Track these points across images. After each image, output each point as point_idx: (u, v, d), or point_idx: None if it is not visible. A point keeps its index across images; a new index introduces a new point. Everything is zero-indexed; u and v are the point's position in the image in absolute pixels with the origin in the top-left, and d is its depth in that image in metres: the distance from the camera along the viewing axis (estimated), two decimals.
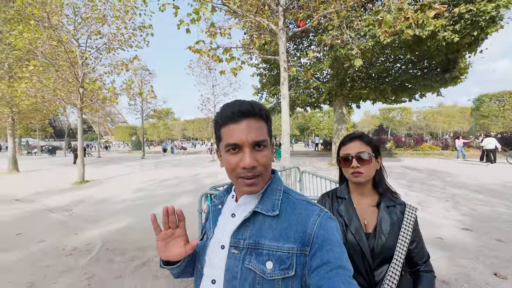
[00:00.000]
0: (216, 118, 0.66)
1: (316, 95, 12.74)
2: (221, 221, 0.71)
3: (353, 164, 0.96)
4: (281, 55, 4.89)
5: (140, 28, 8.80)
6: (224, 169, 0.65)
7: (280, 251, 0.58)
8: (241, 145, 0.59)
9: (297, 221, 0.61)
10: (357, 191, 1.04)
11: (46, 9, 7.09)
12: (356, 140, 1.01)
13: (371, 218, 0.98)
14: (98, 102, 9.42)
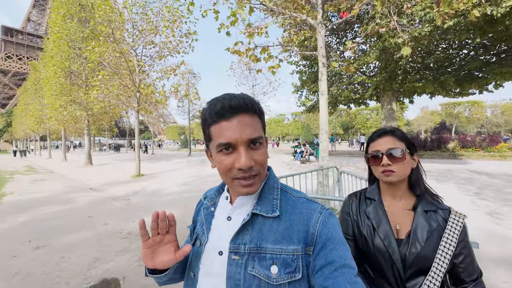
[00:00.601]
0: (204, 115, 0.58)
1: (361, 91, 11.83)
2: (215, 224, 0.66)
3: (384, 162, 0.86)
4: (320, 50, 4.69)
5: (186, 35, 9.51)
6: (217, 170, 0.59)
7: (285, 254, 0.55)
8: (235, 144, 0.54)
9: (299, 220, 0.58)
10: (389, 192, 0.93)
11: (112, 26, 8.25)
12: (387, 136, 0.90)
13: (405, 223, 0.87)
14: (152, 104, 10.54)
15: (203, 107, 0.60)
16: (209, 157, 0.64)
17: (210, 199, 0.71)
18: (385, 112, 11.18)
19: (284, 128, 60.03)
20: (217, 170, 0.59)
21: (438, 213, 0.85)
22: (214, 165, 0.61)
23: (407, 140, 0.91)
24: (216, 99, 0.57)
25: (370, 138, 0.95)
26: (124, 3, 8.67)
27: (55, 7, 12.92)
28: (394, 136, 0.90)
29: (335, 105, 13.36)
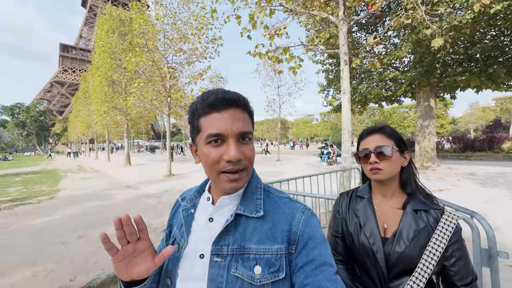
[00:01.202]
0: (194, 106, 0.58)
1: (393, 88, 11.04)
2: (195, 227, 0.63)
3: (371, 160, 0.86)
4: (341, 47, 4.54)
5: (212, 41, 9.92)
6: (202, 165, 0.59)
7: (269, 253, 0.55)
8: (225, 136, 0.54)
9: (282, 220, 0.59)
10: (380, 190, 0.92)
11: (146, 37, 8.99)
12: (376, 133, 0.90)
13: (393, 222, 0.85)
14: (182, 108, 11.19)
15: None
16: (194, 152, 0.63)
17: (190, 200, 0.68)
18: (422, 110, 10.27)
19: (313, 128, 58.55)
20: (203, 164, 0.58)
21: (429, 213, 0.82)
22: (198, 160, 0.60)
23: (397, 138, 0.89)
24: (209, 92, 0.57)
25: (360, 136, 0.95)
26: (156, 15, 9.39)
27: (100, 24, 14.51)
28: (383, 133, 0.89)
29: (364, 104, 12.65)
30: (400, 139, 0.90)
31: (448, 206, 1.81)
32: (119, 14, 14.67)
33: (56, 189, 8.29)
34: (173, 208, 0.75)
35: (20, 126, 56.58)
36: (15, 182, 10.15)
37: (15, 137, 59.21)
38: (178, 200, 0.74)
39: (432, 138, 10.13)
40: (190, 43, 9.45)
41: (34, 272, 2.79)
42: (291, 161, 16.84)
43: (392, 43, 10.87)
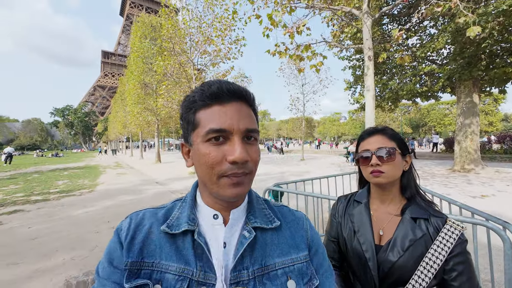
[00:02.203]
0: (191, 98, 0.48)
1: (429, 83, 10.13)
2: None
3: (372, 162, 0.80)
4: (365, 42, 4.30)
5: (235, 42, 10.08)
6: (196, 168, 0.49)
7: (298, 263, 0.52)
8: (230, 133, 0.45)
9: (296, 227, 0.57)
10: (378, 195, 0.87)
11: (173, 41, 9.47)
12: (377, 134, 0.85)
13: (390, 229, 0.80)
14: None
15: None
16: (185, 153, 0.52)
17: (191, 222, 0.51)
18: (463, 106, 9.26)
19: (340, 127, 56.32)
20: (197, 167, 0.48)
21: (429, 222, 0.76)
22: (191, 163, 0.50)
23: (399, 140, 0.84)
24: (209, 82, 0.48)
25: (360, 137, 0.90)
26: (183, 19, 9.83)
27: (134, 31, 15.63)
28: (385, 135, 0.84)
29: (395, 101, 11.78)
30: (402, 141, 0.84)
31: (477, 214, 1.63)
32: (150, 21, 15.65)
33: (96, 183, 9.17)
34: (125, 240, 0.50)
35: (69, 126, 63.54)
36: (63, 176, 11.45)
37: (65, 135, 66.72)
38: (169, 227, 0.51)
39: (475, 137, 9.10)
40: (214, 45, 9.71)
41: (72, 257, 3.14)
42: (316, 160, 16.42)
43: (428, 34, 9.97)
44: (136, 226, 0.52)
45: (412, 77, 10.19)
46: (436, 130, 38.19)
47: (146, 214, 0.54)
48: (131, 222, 0.52)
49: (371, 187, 0.90)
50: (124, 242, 0.50)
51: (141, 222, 0.52)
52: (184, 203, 0.55)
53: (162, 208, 0.56)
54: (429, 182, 7.54)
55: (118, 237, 0.51)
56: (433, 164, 12.28)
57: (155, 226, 0.52)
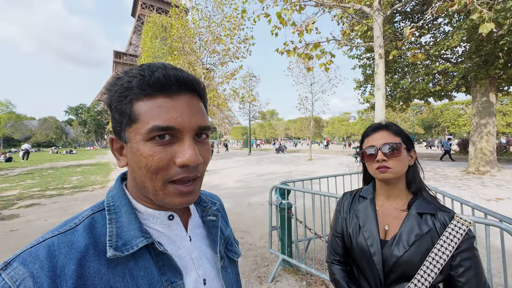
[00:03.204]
0: (126, 83, 0.39)
1: (442, 82, 9.84)
2: (178, 260, 0.46)
3: (379, 157, 0.80)
4: (376, 40, 4.23)
5: (244, 41, 10.13)
6: (132, 170, 0.42)
7: (231, 232, 0.66)
8: (179, 132, 0.39)
9: (220, 204, 0.68)
10: (384, 191, 0.87)
11: (182, 40, 9.61)
12: (382, 130, 0.85)
13: (395, 224, 0.80)
14: (213, 107, 11.69)
15: (262, 108, 0.61)
16: (116, 150, 0.44)
17: (145, 233, 0.42)
18: (478, 106, 8.94)
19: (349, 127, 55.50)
20: (136, 169, 0.40)
21: (436, 217, 0.75)
22: (125, 163, 0.42)
23: (403, 135, 0.84)
24: (151, 64, 0.40)
25: (364, 134, 0.90)
26: (192, 19, 9.96)
27: (145, 31, 15.95)
28: (389, 130, 0.84)
29: (407, 100, 11.53)
30: (407, 136, 0.84)
31: (490, 215, 1.59)
32: (161, 21, 15.92)
33: (107, 179, 9.43)
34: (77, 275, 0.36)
35: (82, 124, 65.50)
36: (76, 172, 11.83)
37: (78, 133, 68.85)
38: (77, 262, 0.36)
39: (491, 138, 8.78)
40: (223, 44, 9.80)
41: None
42: (324, 160, 16.27)
43: (442, 31, 9.69)
44: (50, 273, 0.34)
45: (424, 76, 9.93)
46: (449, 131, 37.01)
47: (54, 248, 0.36)
48: (34, 273, 0.33)
49: (377, 183, 0.90)
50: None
51: (53, 265, 0.35)
52: (115, 214, 0.42)
53: (73, 231, 0.39)
54: (441, 183, 7.33)
55: None
56: (446, 166, 11.93)
57: (89, 259, 0.37)
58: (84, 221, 0.41)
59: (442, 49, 8.21)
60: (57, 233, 0.38)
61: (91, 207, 0.44)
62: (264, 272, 2.71)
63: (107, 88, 0.41)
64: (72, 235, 0.38)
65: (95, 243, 0.39)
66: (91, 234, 0.39)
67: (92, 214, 0.42)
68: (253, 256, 3.09)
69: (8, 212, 4.94)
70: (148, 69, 0.39)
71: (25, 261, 0.34)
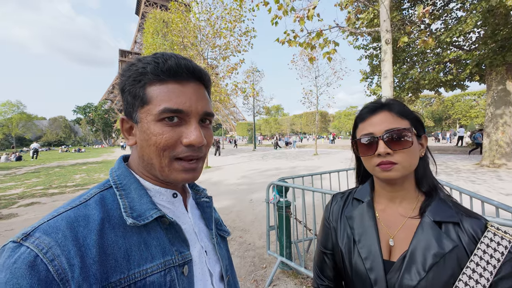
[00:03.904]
0: (140, 69, 0.43)
1: (454, 70, 9.32)
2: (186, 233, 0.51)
3: (380, 150, 0.57)
4: (383, 24, 3.92)
5: (245, 33, 9.84)
6: (141, 148, 0.45)
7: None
8: (187, 114, 0.43)
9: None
10: (386, 192, 0.64)
11: (182, 34, 9.40)
12: (383, 111, 0.60)
13: (403, 238, 0.58)
14: (216, 102, 11.50)
15: (266, 103, 0.53)
16: (125, 130, 0.47)
17: (155, 206, 0.46)
18: (494, 95, 8.44)
19: None
20: (145, 147, 0.44)
21: (462, 228, 0.53)
22: (134, 142, 0.46)
23: (412, 117, 0.61)
24: (164, 53, 0.45)
25: (358, 117, 0.65)
26: (192, 12, 9.72)
27: (147, 27, 15.80)
28: (393, 111, 0.60)
29: (416, 91, 11.02)
30: (417, 118, 0.61)
31: None
32: (162, 17, 15.72)
33: None
34: (70, 269, 0.35)
35: (90, 123, 66.62)
36: (81, 170, 11.92)
37: (86, 132, 70.13)
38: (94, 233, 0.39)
39: (507, 129, 8.29)
40: (223, 37, 9.55)
41: None
42: (330, 155, 15.93)
43: (454, 17, 9.14)
44: (75, 242, 0.36)
45: (435, 65, 9.44)
46: (460, 123, 35.78)
47: (71, 220, 0.38)
48: (59, 242, 0.35)
49: (375, 181, 0.67)
50: (69, 275, 0.34)
51: (75, 235, 0.37)
52: (124, 190, 0.45)
53: (85, 205, 0.41)
54: (453, 178, 6.97)
55: (44, 274, 0.33)
56: (458, 159, 11.44)
57: (106, 231, 0.40)
58: (94, 197, 0.43)
59: (454, 35, 7.73)
60: (69, 208, 0.40)
61: (97, 186, 0.46)
62: (261, 275, 2.53)
63: (121, 73, 0.46)
64: (85, 208, 0.41)
65: (109, 216, 0.42)
66: (104, 208, 0.42)
67: (100, 192, 0.45)
68: (251, 257, 2.91)
69: (7, 211, 4.91)
70: (161, 57, 0.44)
71: (47, 232, 0.36)
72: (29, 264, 0.32)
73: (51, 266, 0.33)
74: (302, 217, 2.36)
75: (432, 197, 0.59)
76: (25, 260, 0.32)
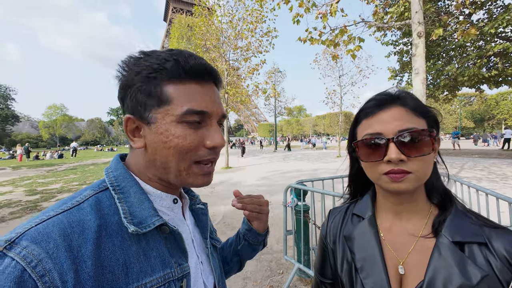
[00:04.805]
0: (156, 65, 0.40)
1: (500, 65, 8.36)
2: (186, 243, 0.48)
3: (392, 155, 0.44)
4: (414, 15, 3.59)
5: (266, 34, 9.80)
6: (154, 151, 0.41)
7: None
8: (210, 117, 0.42)
9: None
10: (392, 204, 0.51)
11: (204, 38, 9.64)
12: (394, 106, 0.47)
13: (417, 263, 0.46)
14: (238, 103, 11.61)
15: (288, 104, 0.49)
16: (131, 131, 0.42)
17: (156, 213, 0.42)
18: None
19: None
20: (161, 149, 0.41)
21: (491, 248, 0.41)
22: (143, 144, 0.41)
23: (430, 116, 0.48)
24: (181, 51, 0.43)
25: (361, 111, 0.52)
26: (214, 15, 9.93)
27: (173, 32, 16.52)
28: (407, 106, 0.47)
29: (453, 89, 10.08)
30: (434, 117, 0.48)
31: None
32: (187, 21, 16.33)
33: None
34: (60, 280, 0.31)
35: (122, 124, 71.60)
36: None
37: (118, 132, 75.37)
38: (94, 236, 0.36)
39: None
40: (244, 38, 9.61)
41: None
42: None
43: (500, 5, 8.20)
44: (68, 254, 0.32)
45: (476, 59, 8.55)
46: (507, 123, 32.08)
47: (64, 226, 0.34)
48: (50, 253, 0.31)
49: (378, 190, 0.55)
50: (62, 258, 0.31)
51: (69, 244, 0.33)
52: (122, 194, 0.41)
53: (78, 209, 0.37)
54: (499, 185, 6.20)
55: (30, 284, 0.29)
56: (504, 164, 10.22)
57: (103, 240, 0.36)
58: (88, 200, 0.39)
59: (501, 26, 6.93)
60: (60, 211, 0.36)
61: (91, 187, 0.42)
62: (277, 281, 2.43)
63: (125, 67, 0.42)
64: (79, 213, 0.37)
65: (106, 223, 0.38)
66: (100, 214, 0.38)
67: (95, 194, 0.41)
68: (268, 261, 2.83)
69: (47, 204, 5.39)
70: (181, 55, 0.41)
71: (36, 240, 0.31)
72: (15, 281, 0.28)
73: (40, 283, 0.29)
74: (321, 223, 2.22)
75: (447, 210, 0.46)
76: (10, 276, 0.28)
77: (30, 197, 6.14)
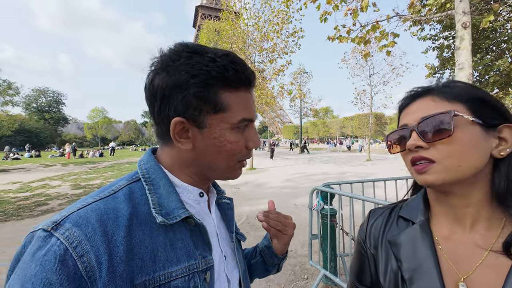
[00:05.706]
0: (214, 72, 0.39)
1: None
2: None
3: (411, 143, 0.42)
4: (458, 5, 3.25)
5: (293, 34, 9.69)
6: (205, 153, 0.44)
7: None
8: (252, 122, 0.47)
9: None
10: (447, 209, 0.44)
11: (231, 41, 9.85)
12: (426, 97, 0.43)
13: (486, 283, 0.38)
14: (263, 105, 11.64)
15: (314, 105, 0.50)
16: (177, 133, 0.42)
17: (183, 206, 0.43)
18: None
19: None
20: (213, 153, 0.43)
21: None
22: (191, 146, 0.43)
23: (471, 99, 0.41)
24: (236, 57, 0.42)
25: (400, 107, 0.49)
26: (241, 17, 10.10)
27: (201, 37, 17.19)
28: (441, 95, 0.42)
29: (506, 86, 8.93)
30: (481, 99, 0.41)
31: None
32: (214, 26, 16.87)
33: None
34: (98, 267, 0.33)
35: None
36: None
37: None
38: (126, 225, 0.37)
39: None
40: (270, 39, 9.62)
41: None
42: (386, 161, 14.32)
43: None
44: (104, 238, 0.34)
45: None
46: None
47: (101, 212, 0.36)
48: (88, 236, 0.33)
49: (429, 193, 0.48)
50: (97, 274, 0.33)
51: (104, 229, 0.35)
52: (152, 185, 0.43)
53: (113, 197, 0.39)
54: None
55: (73, 270, 0.31)
56: None
57: (134, 228, 0.38)
58: (122, 189, 0.41)
59: None
60: (98, 198, 0.39)
61: (125, 177, 0.44)
62: (302, 286, 2.36)
63: (177, 67, 0.40)
64: (114, 201, 0.39)
65: (137, 212, 0.40)
66: (132, 203, 0.40)
67: (129, 184, 0.43)
68: (292, 265, 2.75)
69: None
70: (239, 64, 0.42)
71: (78, 223, 0.34)
72: (59, 258, 0.31)
73: (80, 263, 0.32)
74: (350, 229, 2.09)
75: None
76: (55, 254, 0.31)
77: (75, 191, 6.80)
